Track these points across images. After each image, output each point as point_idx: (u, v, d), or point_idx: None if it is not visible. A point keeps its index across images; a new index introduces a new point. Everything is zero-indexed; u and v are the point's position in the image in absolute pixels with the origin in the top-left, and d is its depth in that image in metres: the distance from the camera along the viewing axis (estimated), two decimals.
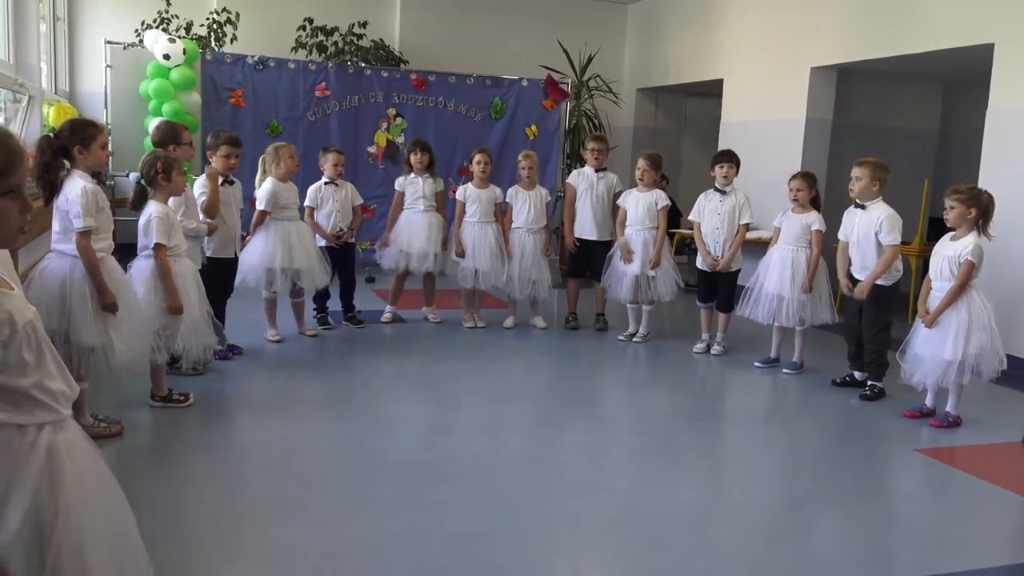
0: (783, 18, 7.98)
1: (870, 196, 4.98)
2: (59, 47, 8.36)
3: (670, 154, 10.00)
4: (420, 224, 6.25)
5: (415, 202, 6.28)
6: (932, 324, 4.45)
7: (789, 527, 3.34)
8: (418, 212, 6.28)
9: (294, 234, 5.52)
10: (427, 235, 6.24)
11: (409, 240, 6.25)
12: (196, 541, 2.90)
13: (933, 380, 4.48)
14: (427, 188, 6.28)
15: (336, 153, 6.01)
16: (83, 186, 3.48)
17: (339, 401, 4.66)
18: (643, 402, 5.07)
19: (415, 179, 6.29)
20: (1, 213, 1.60)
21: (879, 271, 4.92)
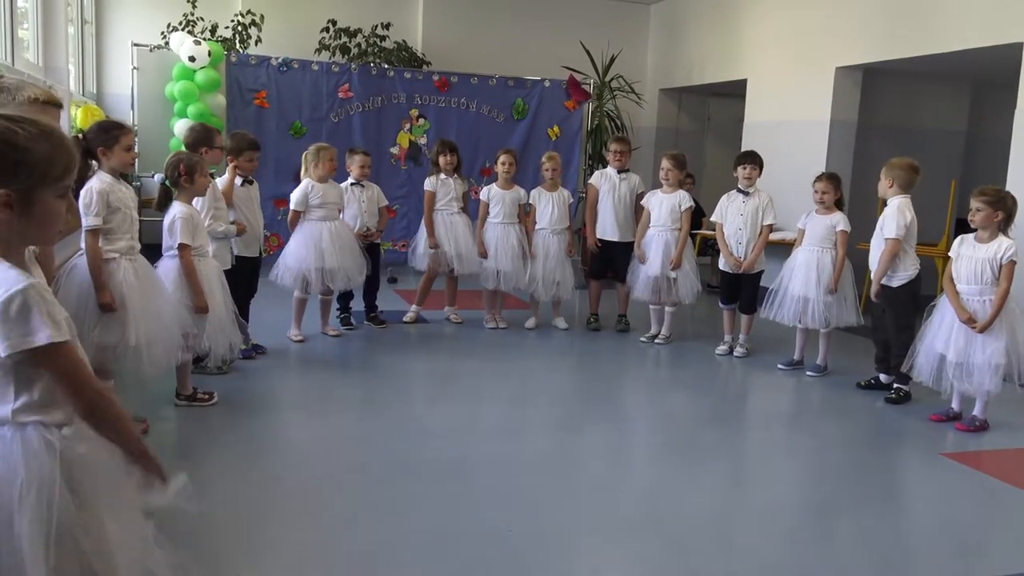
0: (807, 17, 7.92)
1: (890, 194, 4.96)
2: (87, 49, 8.47)
3: (693, 155, 9.92)
4: (460, 226, 6.30)
5: (449, 203, 6.30)
6: (984, 330, 4.34)
7: (812, 531, 3.31)
8: (454, 214, 6.31)
9: (327, 234, 5.55)
10: (470, 236, 6.29)
11: (455, 242, 6.27)
12: (220, 540, 2.92)
13: (985, 388, 4.36)
14: (457, 188, 6.31)
15: (362, 155, 6.05)
16: (89, 186, 3.52)
17: (362, 401, 4.68)
18: (665, 404, 5.05)
19: (446, 180, 6.31)
20: (53, 212, 1.62)
21: (882, 268, 4.89)
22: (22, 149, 1.55)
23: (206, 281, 4.15)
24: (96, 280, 3.54)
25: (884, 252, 4.89)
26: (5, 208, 1.55)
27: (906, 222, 4.86)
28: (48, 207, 1.61)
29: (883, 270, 4.90)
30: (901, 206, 4.87)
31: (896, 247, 4.87)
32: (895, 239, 4.86)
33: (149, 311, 3.68)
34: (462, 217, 6.35)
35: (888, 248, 4.87)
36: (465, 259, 6.30)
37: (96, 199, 3.53)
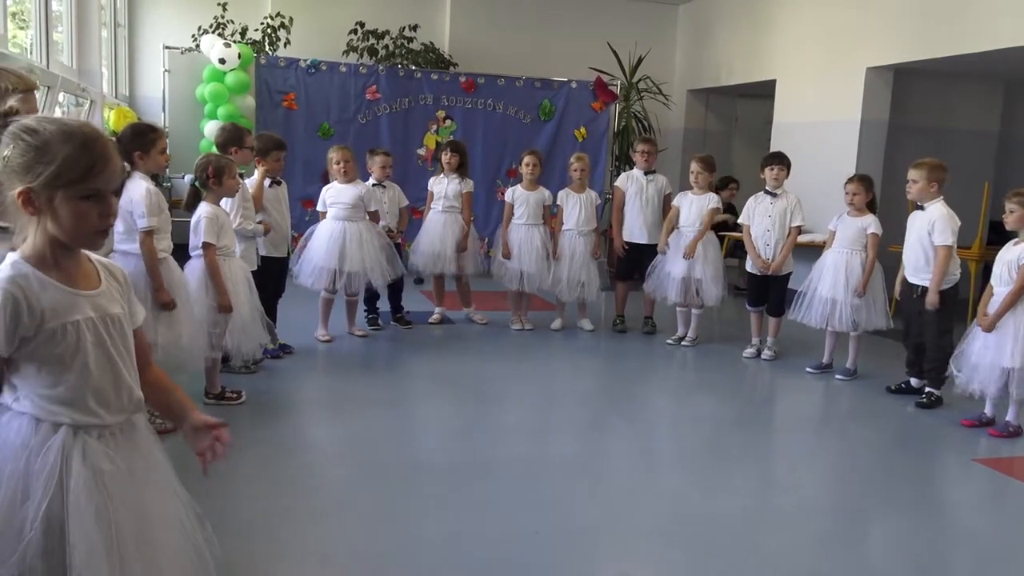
0: (837, 17, 7.83)
1: (928, 197, 4.87)
2: (120, 52, 8.60)
3: (721, 156, 9.83)
4: (435, 225, 6.30)
5: (436, 202, 6.33)
6: (990, 328, 4.32)
7: (842, 536, 3.27)
8: (436, 212, 6.32)
9: (349, 235, 5.57)
10: (439, 236, 6.25)
11: (431, 241, 6.29)
12: (246, 537, 2.94)
13: (994, 389, 4.35)
14: (451, 189, 6.29)
15: (383, 155, 6.07)
16: (147, 187, 3.58)
17: (387, 401, 4.70)
18: (691, 406, 5.01)
19: (442, 179, 6.32)
20: (78, 213, 1.62)
21: (938, 277, 4.78)
22: (40, 148, 1.57)
23: (231, 281, 4.19)
24: (154, 280, 3.61)
25: (940, 261, 4.78)
26: (25, 205, 1.57)
27: (956, 227, 4.79)
28: (72, 208, 1.60)
29: (940, 279, 4.78)
30: (950, 211, 4.80)
31: (949, 254, 4.80)
32: (949, 246, 4.78)
33: (180, 310, 3.73)
34: (442, 216, 6.29)
35: (943, 256, 4.77)
36: (432, 258, 6.26)
37: (155, 200, 3.60)
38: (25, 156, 1.56)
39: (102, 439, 1.68)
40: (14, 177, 1.57)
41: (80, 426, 1.65)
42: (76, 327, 1.63)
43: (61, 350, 1.62)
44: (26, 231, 1.63)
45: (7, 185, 1.58)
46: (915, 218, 5.00)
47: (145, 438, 1.81)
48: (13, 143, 1.57)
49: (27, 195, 1.57)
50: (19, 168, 1.56)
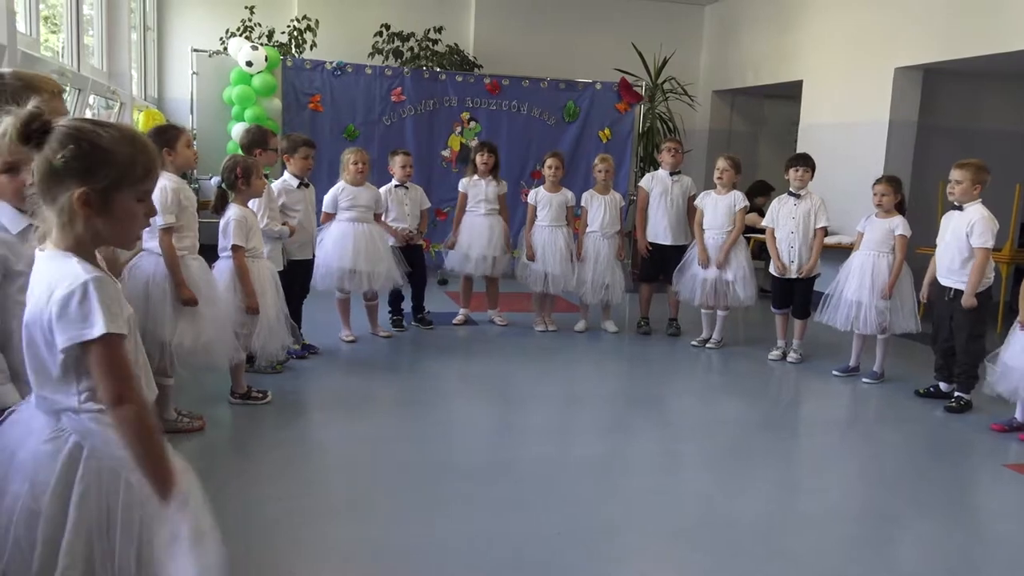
0: (865, 17, 7.76)
1: (970, 198, 4.78)
2: (149, 55, 8.71)
3: (746, 158, 9.78)
4: (481, 227, 6.27)
5: (476, 205, 6.30)
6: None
7: (868, 540, 3.24)
8: (479, 215, 6.30)
9: (359, 236, 5.59)
10: (487, 239, 6.25)
11: (470, 243, 6.27)
12: (270, 535, 2.96)
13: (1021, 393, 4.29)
14: (490, 191, 6.30)
15: (403, 155, 6.06)
16: (162, 185, 3.61)
17: (411, 401, 4.72)
18: (716, 409, 4.98)
19: (478, 181, 6.31)
20: (131, 214, 1.67)
21: (975, 279, 4.70)
22: (104, 150, 1.60)
23: (258, 282, 4.23)
24: (175, 276, 3.63)
25: (978, 263, 4.70)
26: (84, 206, 1.60)
27: (995, 230, 4.73)
28: (127, 208, 1.65)
29: (977, 281, 4.70)
30: (989, 214, 4.73)
31: (987, 257, 4.72)
32: (988, 249, 4.71)
33: (207, 310, 3.76)
34: (487, 219, 6.29)
35: (981, 258, 4.70)
36: (478, 261, 6.25)
37: (171, 197, 3.62)
38: (87, 158, 1.58)
39: None
40: (71, 178, 1.59)
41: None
42: (130, 321, 1.69)
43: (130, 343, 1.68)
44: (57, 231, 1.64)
45: (61, 186, 1.59)
46: (951, 218, 4.91)
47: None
48: (73, 144, 1.58)
49: (86, 196, 1.59)
50: (79, 170, 1.58)
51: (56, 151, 1.57)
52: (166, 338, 3.61)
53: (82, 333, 1.56)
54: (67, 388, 1.64)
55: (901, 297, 5.25)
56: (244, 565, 2.61)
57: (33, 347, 1.64)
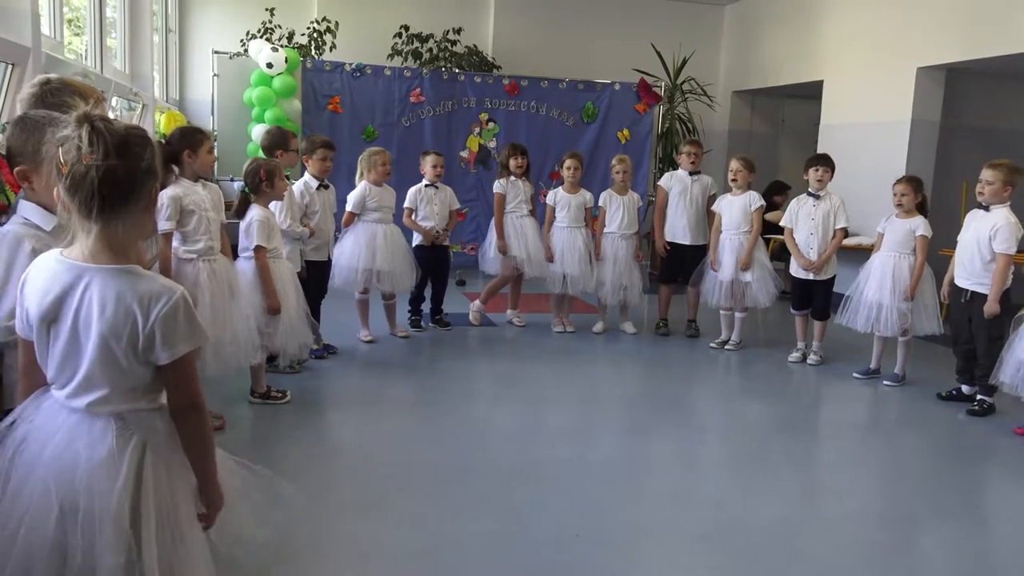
0: (887, 17, 7.69)
1: (999, 200, 4.71)
2: (170, 57, 8.78)
3: (766, 158, 9.77)
4: (529, 228, 6.30)
5: (519, 206, 6.31)
6: None
7: (889, 545, 3.21)
8: (524, 216, 6.32)
9: (381, 236, 5.61)
10: (537, 239, 6.29)
11: (526, 246, 6.27)
12: (288, 534, 2.98)
13: None
14: (526, 192, 6.33)
15: (435, 155, 6.11)
16: (171, 193, 3.64)
17: (429, 402, 4.73)
18: (735, 411, 4.96)
19: (516, 182, 6.32)
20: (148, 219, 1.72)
21: (998, 285, 4.63)
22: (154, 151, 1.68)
23: (280, 282, 4.26)
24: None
25: (1000, 269, 4.64)
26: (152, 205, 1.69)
27: (1020, 236, 4.67)
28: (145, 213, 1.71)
29: (1000, 287, 4.65)
30: (1016, 219, 4.67)
31: (1009, 263, 4.66)
32: (1010, 255, 4.64)
33: (225, 311, 3.79)
34: (531, 220, 6.36)
35: (1003, 264, 4.64)
36: (534, 261, 6.29)
37: (168, 203, 3.65)
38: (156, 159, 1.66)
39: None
40: (151, 179, 1.66)
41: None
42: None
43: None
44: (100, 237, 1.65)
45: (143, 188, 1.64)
46: (975, 218, 4.85)
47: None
48: (147, 150, 1.64)
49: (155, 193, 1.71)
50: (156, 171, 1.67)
51: (142, 156, 1.62)
52: None
53: (192, 345, 1.67)
54: (143, 394, 1.71)
55: (923, 299, 5.20)
56: (262, 565, 2.63)
57: (101, 352, 1.65)
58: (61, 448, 1.65)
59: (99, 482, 1.63)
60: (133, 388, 1.69)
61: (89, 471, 1.63)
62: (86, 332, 1.64)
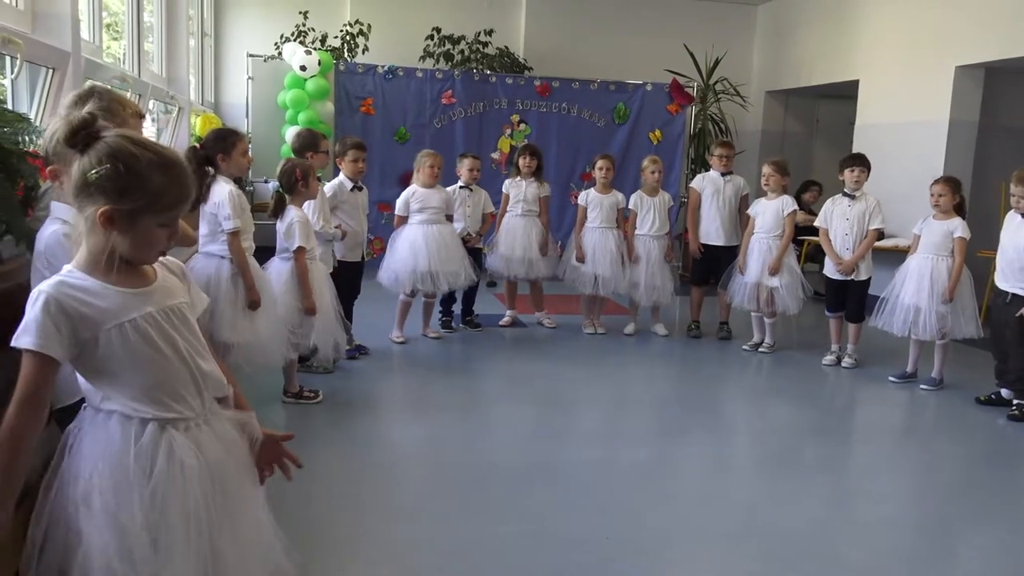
0: (924, 14, 7.58)
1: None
2: (206, 61, 8.90)
3: (800, 159, 9.67)
4: (516, 228, 6.28)
5: (515, 205, 6.32)
6: None
7: (927, 551, 3.16)
8: (515, 216, 6.31)
9: (431, 237, 5.64)
10: (525, 240, 6.25)
11: (510, 244, 6.28)
12: (320, 533, 3.00)
13: None
14: (529, 192, 6.30)
15: (472, 159, 6.15)
16: (229, 190, 3.68)
17: (460, 403, 4.74)
18: (768, 414, 4.91)
19: (519, 182, 6.33)
20: (152, 238, 1.67)
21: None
22: (137, 175, 1.60)
23: (315, 283, 4.30)
24: (246, 279, 3.70)
25: None
26: (107, 223, 1.60)
27: None
28: (148, 233, 1.66)
29: None
30: None
31: None
32: None
33: (262, 311, 3.83)
34: (523, 219, 6.28)
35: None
36: (525, 262, 6.26)
37: (228, 201, 3.69)
38: (120, 179, 1.59)
39: (188, 432, 1.72)
40: (99, 194, 1.60)
41: (165, 420, 1.69)
42: (134, 325, 1.66)
43: (129, 348, 1.65)
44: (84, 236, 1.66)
45: (90, 200, 1.61)
46: (1012, 221, 4.78)
47: (228, 430, 1.83)
48: (109, 164, 1.59)
49: (110, 214, 1.60)
50: (110, 188, 1.59)
51: (92, 165, 1.59)
52: (229, 339, 3.68)
53: (17, 340, 1.59)
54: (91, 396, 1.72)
55: (962, 301, 5.11)
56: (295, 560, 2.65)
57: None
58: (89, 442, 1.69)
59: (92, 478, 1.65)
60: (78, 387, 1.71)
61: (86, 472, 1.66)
62: None
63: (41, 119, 3.53)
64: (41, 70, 3.62)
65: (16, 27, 3.27)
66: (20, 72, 3.41)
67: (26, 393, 1.59)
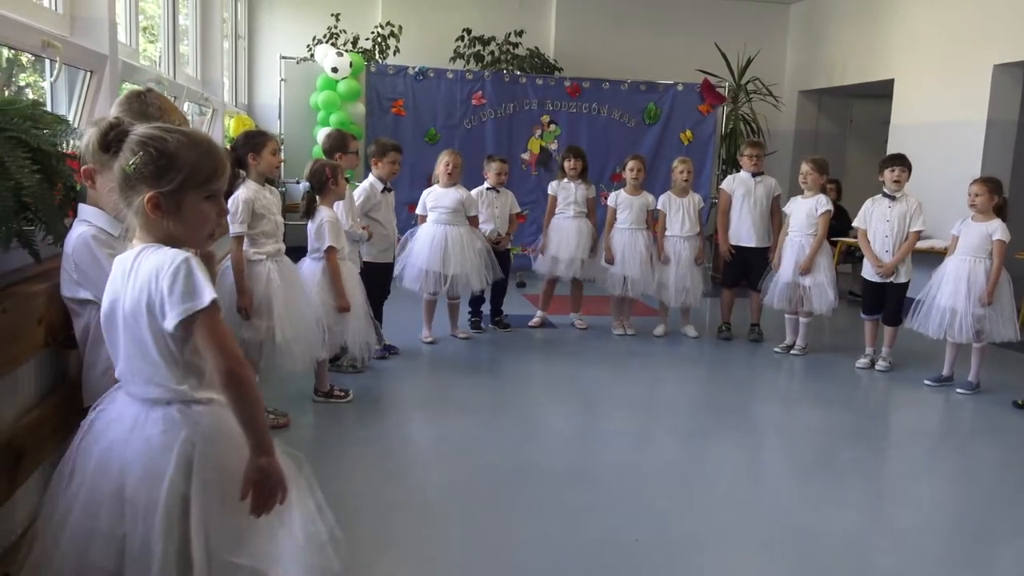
0: (961, 12, 7.45)
1: None
2: (240, 63, 8.99)
3: (834, 159, 9.51)
4: (569, 230, 6.27)
5: (566, 207, 6.31)
6: None
7: (962, 559, 3.10)
8: (568, 218, 6.30)
9: (440, 238, 5.65)
10: (576, 241, 6.25)
11: (558, 245, 6.27)
12: (349, 531, 3.01)
13: None
14: (579, 194, 6.30)
15: (499, 162, 6.16)
16: (235, 196, 3.72)
17: (489, 403, 4.74)
18: (799, 417, 4.85)
19: (567, 184, 6.32)
20: (201, 214, 1.74)
21: None
22: (170, 155, 1.68)
23: (347, 282, 4.33)
24: (238, 284, 3.74)
25: None
26: (155, 209, 1.68)
27: None
28: (196, 210, 1.73)
29: None
30: None
31: None
32: None
33: (293, 310, 3.86)
34: (575, 221, 6.28)
35: None
36: (575, 263, 6.25)
37: (242, 207, 3.73)
38: (156, 163, 1.67)
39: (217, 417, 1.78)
40: (142, 183, 1.68)
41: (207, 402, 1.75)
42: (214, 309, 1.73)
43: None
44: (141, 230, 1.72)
45: (134, 191, 1.68)
46: None
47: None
48: (142, 152, 1.67)
49: (156, 200, 1.67)
50: (149, 175, 1.67)
51: (128, 158, 1.67)
52: (253, 337, 3.73)
53: (195, 304, 1.62)
54: (175, 374, 1.71)
55: (999, 304, 5.02)
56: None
57: (135, 336, 1.70)
58: (118, 438, 1.71)
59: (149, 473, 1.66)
60: (167, 374, 1.70)
61: (140, 461, 1.67)
62: (122, 313, 1.71)
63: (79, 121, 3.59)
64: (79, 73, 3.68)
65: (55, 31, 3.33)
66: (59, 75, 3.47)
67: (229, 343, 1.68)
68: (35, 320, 2.24)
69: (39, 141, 2.17)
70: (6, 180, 2.06)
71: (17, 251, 2.21)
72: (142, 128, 1.70)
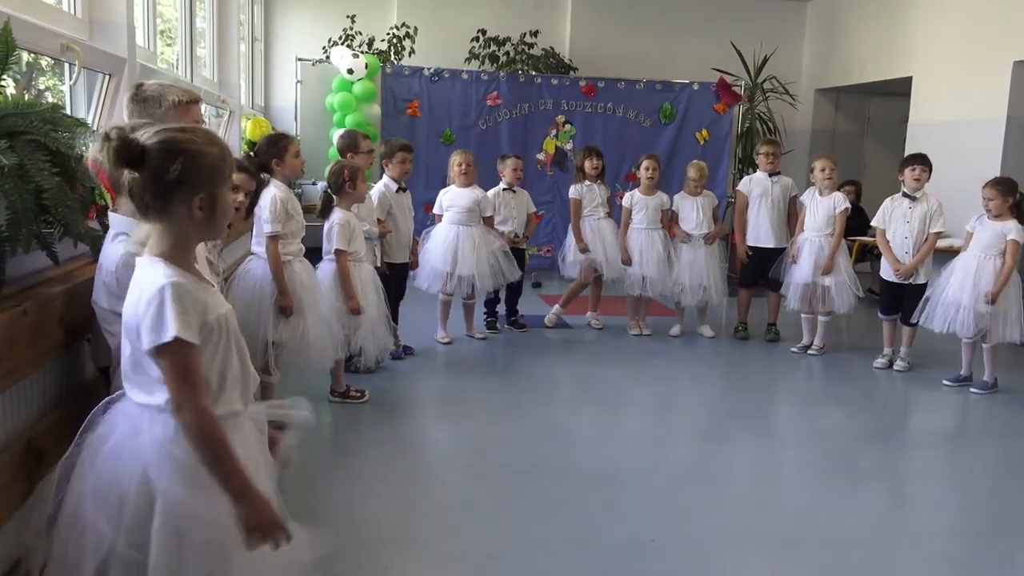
0: (981, 8, 7.38)
1: None
2: (256, 65, 9.04)
3: (851, 158, 9.50)
4: (608, 231, 6.29)
5: (595, 209, 6.30)
6: None
7: (980, 560, 3.08)
8: (601, 219, 6.31)
9: (453, 238, 5.67)
10: (616, 241, 6.26)
11: (604, 248, 6.25)
12: (367, 531, 3.03)
13: None
14: (602, 195, 6.31)
15: (514, 159, 6.16)
16: (273, 194, 3.74)
17: (505, 403, 4.74)
18: (817, 418, 4.82)
19: (591, 186, 6.31)
20: (228, 205, 1.76)
21: None
22: (204, 155, 1.68)
23: (361, 284, 4.35)
24: (279, 284, 3.73)
25: None
26: (202, 210, 1.69)
27: None
28: (226, 202, 1.76)
29: None
30: None
31: None
32: None
33: (314, 310, 3.88)
34: (608, 222, 6.33)
35: None
36: (612, 263, 6.27)
37: (279, 206, 3.75)
38: (197, 167, 1.66)
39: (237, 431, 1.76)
40: (186, 187, 1.66)
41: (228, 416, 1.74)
42: (225, 319, 1.74)
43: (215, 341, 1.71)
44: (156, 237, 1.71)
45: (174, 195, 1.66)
46: None
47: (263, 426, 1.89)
48: (182, 157, 1.64)
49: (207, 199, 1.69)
50: (193, 179, 1.66)
51: (164, 167, 1.63)
52: (274, 338, 3.74)
53: (158, 337, 1.60)
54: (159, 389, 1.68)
55: (1007, 305, 4.96)
56: (342, 557, 2.68)
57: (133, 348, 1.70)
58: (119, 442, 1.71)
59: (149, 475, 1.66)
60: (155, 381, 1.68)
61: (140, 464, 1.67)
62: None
63: (98, 124, 3.62)
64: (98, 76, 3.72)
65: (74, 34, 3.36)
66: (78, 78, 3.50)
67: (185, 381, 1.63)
68: (55, 321, 2.27)
69: (59, 144, 2.20)
70: (26, 183, 2.08)
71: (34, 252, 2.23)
72: (158, 136, 1.66)
